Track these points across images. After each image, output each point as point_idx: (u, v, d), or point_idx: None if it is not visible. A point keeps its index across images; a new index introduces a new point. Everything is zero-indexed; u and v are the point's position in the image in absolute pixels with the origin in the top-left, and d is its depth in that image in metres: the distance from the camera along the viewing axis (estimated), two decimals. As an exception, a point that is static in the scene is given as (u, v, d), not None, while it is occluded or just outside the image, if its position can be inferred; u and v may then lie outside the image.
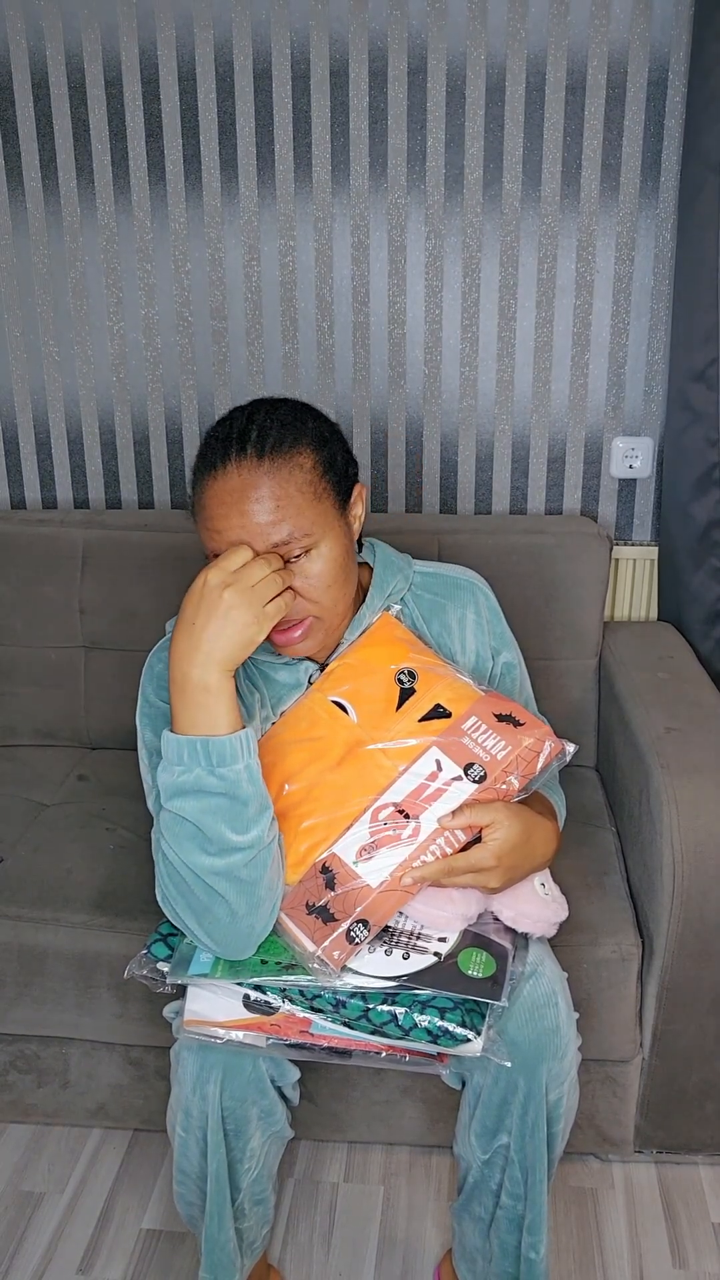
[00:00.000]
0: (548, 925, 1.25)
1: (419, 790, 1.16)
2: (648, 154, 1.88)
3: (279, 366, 2.03)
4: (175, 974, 1.17)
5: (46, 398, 2.09)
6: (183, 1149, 1.27)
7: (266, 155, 1.92)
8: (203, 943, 1.15)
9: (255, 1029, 1.18)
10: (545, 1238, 1.30)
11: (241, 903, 1.11)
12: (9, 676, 2.00)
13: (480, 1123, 1.27)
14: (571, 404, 2.01)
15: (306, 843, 1.17)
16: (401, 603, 1.34)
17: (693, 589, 1.96)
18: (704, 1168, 1.66)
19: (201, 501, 1.17)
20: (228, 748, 1.10)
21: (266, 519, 1.14)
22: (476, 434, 2.04)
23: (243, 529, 1.14)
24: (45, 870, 1.65)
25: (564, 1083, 1.25)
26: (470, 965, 1.15)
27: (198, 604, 1.10)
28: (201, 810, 1.10)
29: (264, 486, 1.14)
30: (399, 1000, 1.14)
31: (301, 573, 1.17)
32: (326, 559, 1.18)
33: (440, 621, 1.34)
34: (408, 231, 1.94)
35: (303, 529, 1.15)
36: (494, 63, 1.84)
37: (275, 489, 1.14)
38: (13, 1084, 1.68)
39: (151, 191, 1.95)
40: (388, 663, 1.24)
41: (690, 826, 1.45)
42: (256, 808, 1.12)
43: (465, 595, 1.36)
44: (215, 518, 1.15)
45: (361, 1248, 1.55)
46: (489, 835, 1.15)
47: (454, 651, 1.35)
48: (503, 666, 1.38)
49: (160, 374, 2.05)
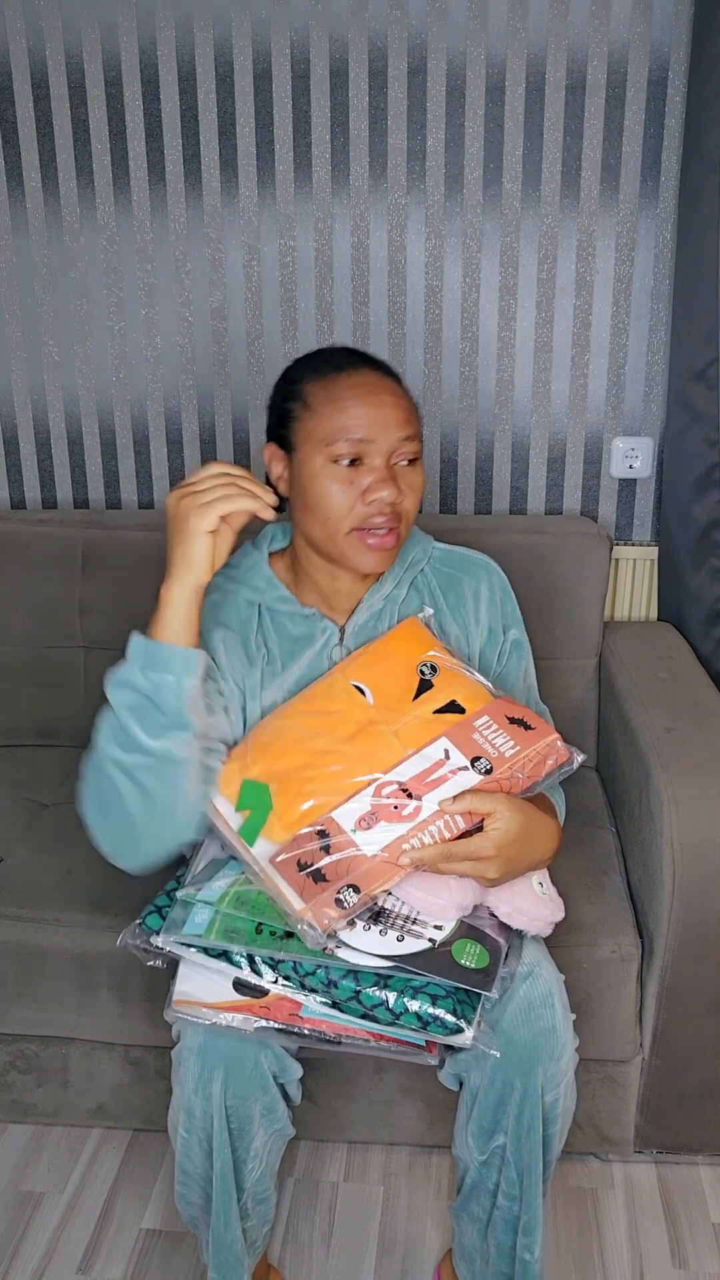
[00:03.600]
0: (543, 924, 1.25)
1: (425, 773, 1.18)
2: (648, 154, 1.88)
3: (279, 366, 2.01)
4: (169, 933, 1.18)
5: (46, 398, 2.09)
6: (185, 1150, 1.27)
7: (266, 155, 1.92)
8: (99, 839, 1.23)
9: (245, 1011, 1.19)
10: (540, 1239, 1.30)
11: (139, 809, 1.18)
12: (9, 676, 2.00)
13: (477, 1123, 1.27)
14: (571, 404, 2.01)
15: (308, 803, 1.18)
16: (421, 573, 1.42)
17: (693, 589, 1.96)
18: (704, 1168, 1.66)
19: (329, 395, 1.28)
20: (162, 655, 1.18)
21: (398, 416, 1.27)
22: (476, 434, 2.04)
23: (380, 418, 1.26)
24: (45, 870, 1.65)
25: (560, 1084, 1.25)
26: (464, 955, 1.16)
27: (169, 524, 1.22)
28: (122, 704, 1.19)
29: (397, 393, 1.30)
30: (391, 984, 1.15)
31: (405, 480, 1.29)
32: (421, 474, 1.32)
33: (455, 593, 1.42)
34: (408, 231, 1.94)
35: (417, 436, 1.30)
36: (494, 63, 1.84)
37: (403, 398, 1.30)
38: (13, 1084, 1.68)
39: (151, 191, 1.95)
40: (411, 655, 1.28)
41: (690, 826, 1.45)
42: (174, 723, 1.18)
43: (481, 572, 1.44)
44: (351, 404, 1.26)
45: (361, 1248, 1.55)
46: (490, 825, 1.16)
47: (467, 622, 1.41)
48: (511, 643, 1.44)
49: (160, 374, 2.05)
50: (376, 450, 1.26)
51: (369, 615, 1.38)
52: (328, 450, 1.26)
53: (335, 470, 1.27)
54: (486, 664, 1.42)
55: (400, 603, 1.40)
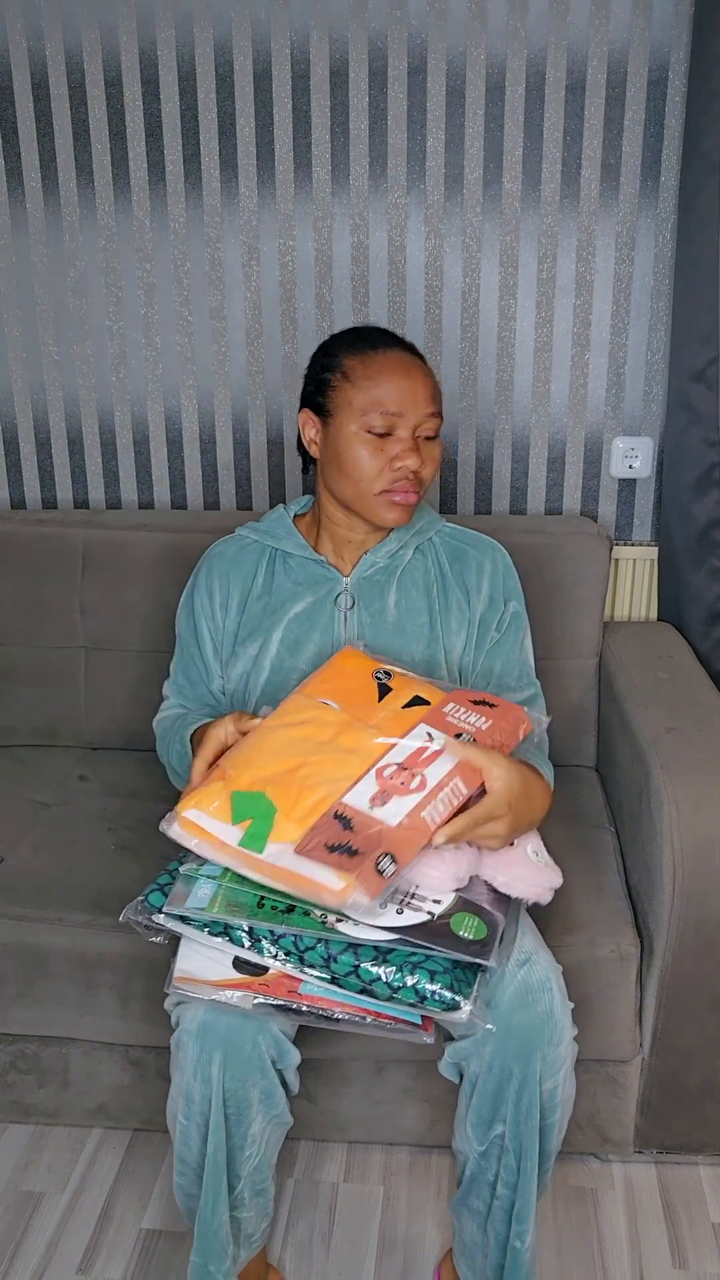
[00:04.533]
0: (542, 890, 1.25)
1: (418, 753, 1.21)
2: (648, 154, 1.88)
3: (279, 366, 2.03)
4: (173, 906, 1.19)
5: (46, 398, 2.09)
6: (184, 1137, 1.28)
7: (266, 155, 1.92)
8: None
9: (244, 989, 1.20)
10: (532, 1229, 1.31)
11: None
12: (9, 676, 2.00)
13: (476, 1112, 1.28)
14: (571, 404, 2.01)
15: (314, 797, 1.18)
16: (428, 541, 1.56)
17: (693, 589, 1.96)
18: (704, 1168, 1.66)
19: (367, 370, 1.42)
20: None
21: (426, 393, 1.43)
22: (476, 434, 2.04)
23: (411, 394, 1.41)
24: (45, 870, 1.65)
25: (559, 1071, 1.25)
26: (462, 927, 1.16)
27: None
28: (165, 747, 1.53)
29: (426, 372, 1.45)
30: (390, 959, 1.15)
31: (426, 451, 1.44)
32: (440, 446, 1.48)
33: (462, 564, 1.55)
34: (408, 231, 1.94)
35: (440, 413, 1.45)
36: (494, 63, 1.84)
37: (430, 378, 1.45)
38: (13, 1084, 1.68)
39: (151, 191, 1.95)
40: (363, 669, 1.35)
41: (690, 826, 1.45)
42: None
43: (487, 548, 1.58)
44: (386, 380, 1.41)
45: (361, 1247, 1.55)
46: (493, 781, 1.20)
47: (469, 588, 1.53)
48: (511, 615, 1.55)
49: (160, 374, 2.05)
50: (405, 423, 1.42)
51: (372, 569, 1.52)
52: (363, 420, 1.42)
53: (368, 439, 1.42)
54: (486, 629, 1.53)
55: (406, 563, 1.54)
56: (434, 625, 1.51)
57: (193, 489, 2.12)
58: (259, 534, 1.58)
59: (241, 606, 1.54)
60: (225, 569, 1.56)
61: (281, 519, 1.59)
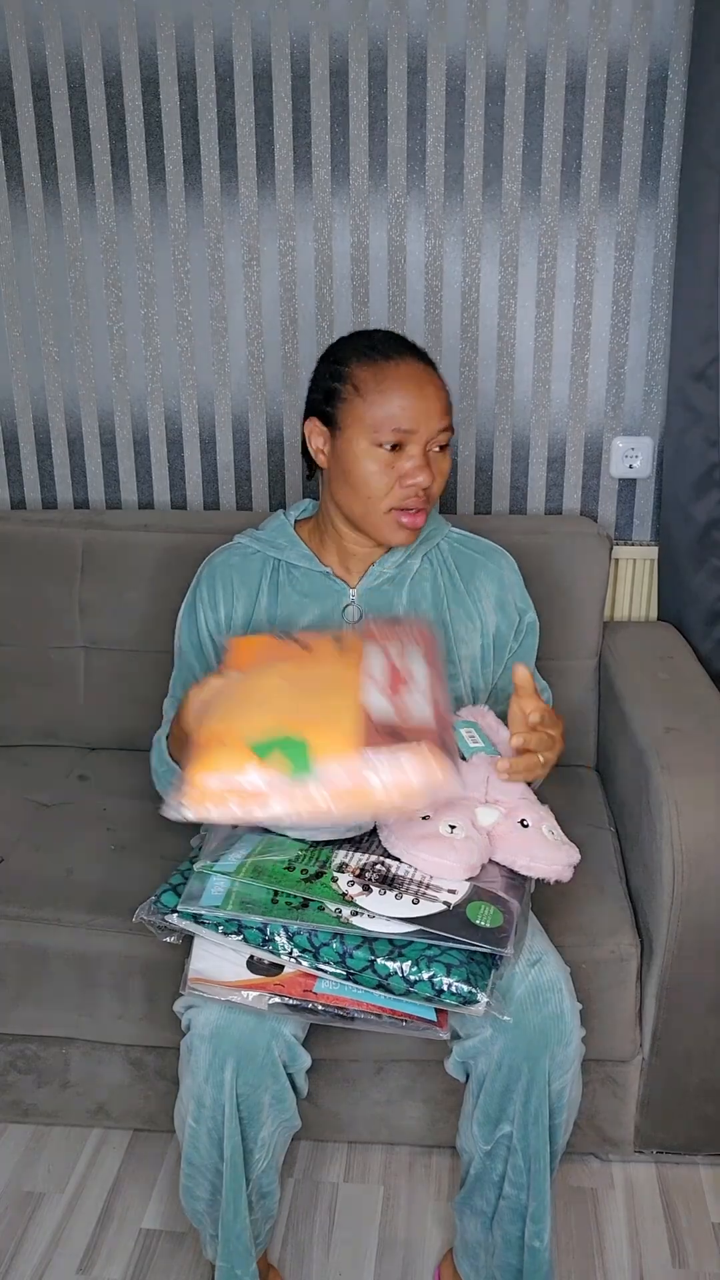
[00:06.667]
0: (563, 867, 1.24)
1: (390, 668, 1.21)
2: (648, 154, 1.88)
3: (279, 366, 2.03)
4: (187, 905, 1.19)
5: (46, 398, 2.09)
6: (193, 1140, 1.28)
7: (266, 155, 1.92)
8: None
9: (260, 989, 1.20)
10: (549, 1226, 1.31)
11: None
12: (9, 676, 2.00)
13: (483, 1111, 1.28)
14: (571, 404, 2.01)
15: (339, 709, 1.13)
16: (436, 548, 1.55)
17: (693, 589, 1.96)
18: (704, 1168, 1.66)
19: (378, 383, 1.38)
20: None
21: (438, 408, 1.40)
22: (476, 434, 2.04)
23: (424, 410, 1.38)
24: (45, 870, 1.65)
25: (567, 1072, 1.25)
26: (478, 916, 1.16)
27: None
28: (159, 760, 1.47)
29: (437, 384, 1.42)
30: (406, 954, 1.15)
31: (436, 466, 1.42)
32: (449, 458, 1.46)
33: (471, 574, 1.54)
34: (407, 231, 1.94)
35: (451, 425, 1.43)
36: (494, 63, 1.84)
37: (442, 390, 1.43)
38: (13, 1084, 1.68)
39: (151, 191, 1.95)
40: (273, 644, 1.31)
41: (690, 827, 1.45)
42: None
43: (498, 559, 1.57)
44: (398, 396, 1.37)
45: (361, 1248, 1.55)
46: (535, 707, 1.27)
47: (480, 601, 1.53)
48: (528, 625, 1.57)
49: (160, 374, 2.05)
50: (417, 440, 1.39)
51: (380, 580, 1.51)
52: (374, 436, 1.38)
53: (378, 453, 1.39)
54: (504, 642, 1.55)
55: (413, 573, 1.52)
56: (444, 633, 1.50)
57: (193, 489, 2.12)
58: (261, 544, 1.55)
59: (247, 620, 1.51)
60: (228, 579, 1.53)
61: (283, 527, 1.55)
